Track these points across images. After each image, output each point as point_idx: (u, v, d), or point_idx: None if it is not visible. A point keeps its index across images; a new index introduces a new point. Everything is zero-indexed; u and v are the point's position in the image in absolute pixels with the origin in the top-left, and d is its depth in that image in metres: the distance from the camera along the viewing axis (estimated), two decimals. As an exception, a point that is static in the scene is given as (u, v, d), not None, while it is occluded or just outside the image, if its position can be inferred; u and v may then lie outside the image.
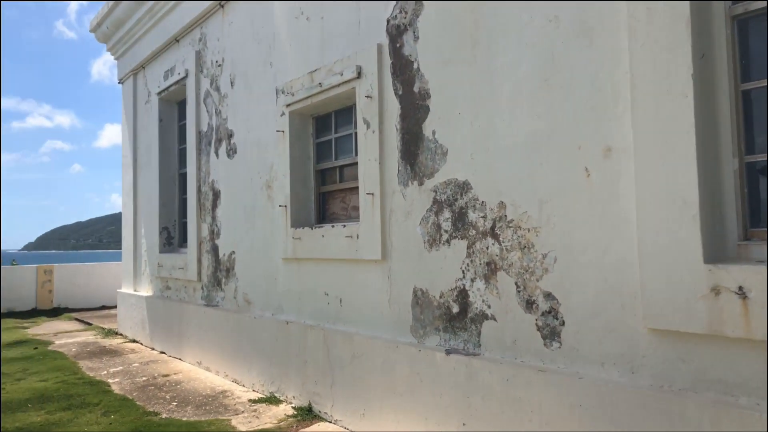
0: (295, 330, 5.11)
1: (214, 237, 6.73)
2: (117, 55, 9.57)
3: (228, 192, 6.47)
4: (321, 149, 5.42)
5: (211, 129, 6.82)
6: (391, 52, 4.23)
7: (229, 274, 6.39)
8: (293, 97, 5.24)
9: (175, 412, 5.04)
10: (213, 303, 6.71)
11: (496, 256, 3.43)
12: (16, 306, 12.52)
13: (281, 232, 5.41)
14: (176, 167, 8.27)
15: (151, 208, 8.52)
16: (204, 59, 6.99)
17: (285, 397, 5.19)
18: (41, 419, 4.89)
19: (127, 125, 9.40)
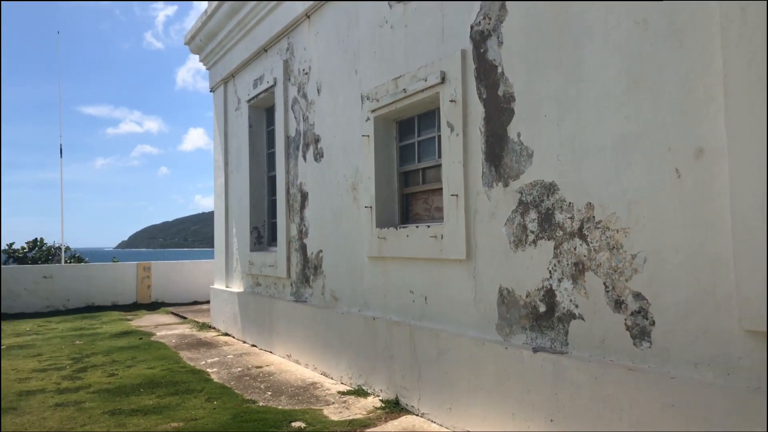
0: (381, 326, 5.33)
1: (302, 236, 7.08)
2: (209, 65, 10.20)
3: (315, 194, 6.80)
4: (404, 152, 5.61)
5: (299, 134, 7.18)
6: (475, 57, 4.35)
7: (317, 271, 6.71)
8: (378, 103, 5.46)
9: (270, 401, 5.39)
10: (302, 299, 7.07)
11: (583, 257, 3.48)
12: (119, 300, 13.58)
13: (366, 232, 5.65)
14: (265, 170, 8.74)
15: (241, 209, 9.04)
16: (291, 68, 7.36)
17: (372, 390, 5.43)
18: (153, 402, 5.37)
19: (219, 131, 10.00)
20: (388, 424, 4.61)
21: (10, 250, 19.25)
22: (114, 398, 5.54)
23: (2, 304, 12.32)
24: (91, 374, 6.59)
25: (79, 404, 5.35)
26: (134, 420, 4.86)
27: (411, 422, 4.63)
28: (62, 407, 5.25)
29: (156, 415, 4.99)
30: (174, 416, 4.95)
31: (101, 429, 4.64)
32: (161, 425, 4.71)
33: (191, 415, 4.95)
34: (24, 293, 12.54)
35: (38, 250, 19.97)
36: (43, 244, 20.16)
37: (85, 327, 10.51)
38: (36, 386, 6.07)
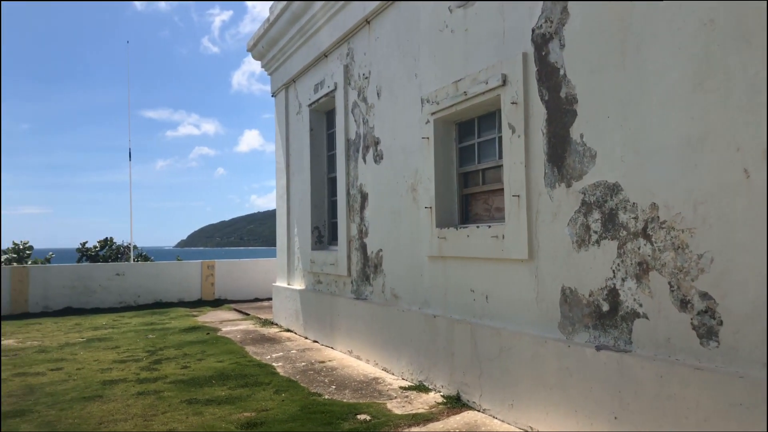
0: (442, 324, 5.47)
1: (362, 236, 7.29)
2: (270, 70, 10.58)
3: (375, 195, 6.99)
4: (463, 153, 5.72)
5: (359, 137, 7.39)
6: (537, 59, 4.42)
7: (377, 270, 6.90)
8: (438, 106, 5.59)
9: (335, 394, 5.61)
10: (362, 296, 7.27)
11: (648, 257, 3.52)
12: (184, 296, 14.23)
13: (426, 231, 5.79)
14: (325, 172, 9.01)
15: (302, 210, 9.35)
16: (351, 72, 7.58)
17: (433, 386, 5.56)
18: (225, 393, 5.68)
19: (280, 134, 10.36)
20: (451, 419, 4.74)
21: (84, 249, 20.42)
22: (189, 388, 5.89)
23: (80, 299, 13.13)
24: (166, 366, 7.00)
25: (159, 393, 5.72)
26: (210, 409, 5.17)
27: (473, 417, 4.75)
28: (143, 396, 5.63)
29: (229, 405, 5.28)
30: (246, 406, 5.23)
31: (181, 416, 4.96)
32: (235, 414, 4.99)
33: (262, 406, 5.22)
34: (99, 289, 13.32)
35: (108, 248, 21.09)
36: (112, 243, 21.27)
37: (155, 322, 11.09)
38: (117, 376, 6.51)
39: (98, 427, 4.73)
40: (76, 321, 11.49)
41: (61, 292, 12.93)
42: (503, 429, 4.47)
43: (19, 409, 5.24)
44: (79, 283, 13.13)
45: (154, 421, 4.85)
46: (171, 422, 4.81)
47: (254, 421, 4.77)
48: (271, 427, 4.62)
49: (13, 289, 12.43)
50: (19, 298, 12.48)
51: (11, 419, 4.96)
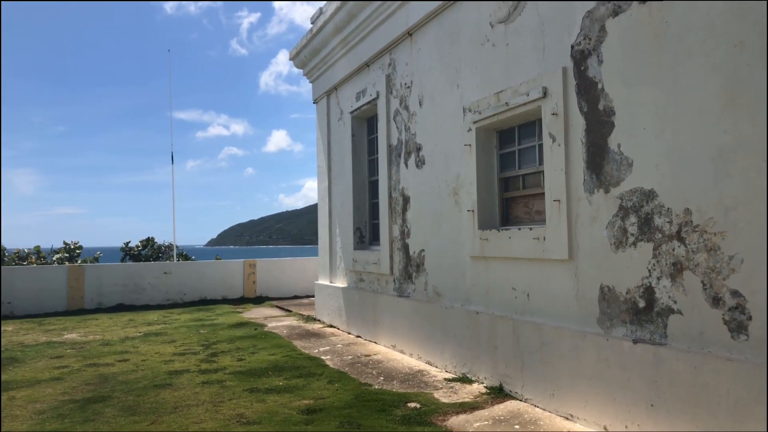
0: (484, 320, 5.83)
1: (404, 237, 7.69)
2: (312, 78, 11.05)
3: (417, 198, 7.38)
4: (504, 159, 6.07)
5: (401, 143, 7.79)
6: (576, 74, 4.76)
7: (419, 269, 7.30)
8: (480, 115, 5.95)
9: (384, 385, 6.03)
10: (404, 294, 7.68)
11: (682, 257, 3.83)
12: (228, 294, 14.85)
13: (468, 233, 6.16)
14: (366, 175, 9.44)
15: (344, 211, 9.79)
16: (393, 82, 7.98)
17: (476, 378, 5.94)
18: (282, 383, 6.15)
19: (321, 139, 10.83)
20: (495, 407, 5.11)
21: (127, 248, 21.27)
22: (248, 379, 6.37)
23: (131, 296, 13.84)
24: (222, 358, 7.51)
25: (221, 383, 6.21)
26: (271, 397, 5.63)
27: (516, 406, 5.11)
28: (208, 385, 6.13)
29: (288, 393, 5.74)
30: (303, 395, 5.68)
31: (246, 403, 5.43)
32: (294, 402, 5.44)
33: (318, 395, 5.67)
34: (148, 287, 14.02)
35: (150, 248, 21.93)
36: (154, 242, 22.09)
37: (203, 318, 11.68)
38: (180, 367, 7.04)
39: (174, 410, 5.23)
40: (129, 317, 12.16)
41: (114, 290, 13.66)
42: (545, 417, 4.82)
43: (99, 396, 5.78)
44: (129, 281, 13.84)
45: (223, 406, 5.33)
46: (238, 408, 5.28)
47: (313, 408, 5.21)
48: (329, 413, 5.05)
49: (69, 286, 13.19)
50: (75, 295, 13.24)
51: (95, 404, 5.50)
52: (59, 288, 13.12)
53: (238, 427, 4.75)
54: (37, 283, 12.96)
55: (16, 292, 12.74)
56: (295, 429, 4.68)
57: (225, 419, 4.95)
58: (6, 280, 12.70)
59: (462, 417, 4.88)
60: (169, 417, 5.05)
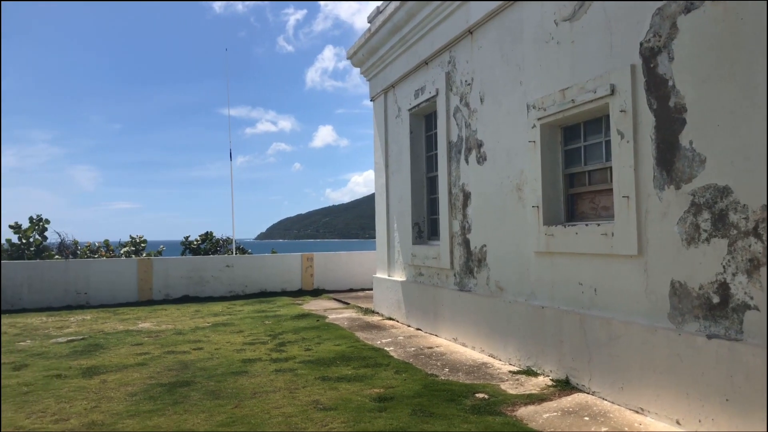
0: (550, 314, 5.93)
1: (465, 232, 7.84)
2: (369, 77, 11.28)
3: (478, 194, 7.51)
4: (569, 156, 6.13)
5: (461, 139, 7.92)
6: (645, 71, 4.79)
7: (481, 264, 7.43)
8: (544, 112, 6.03)
9: (450, 376, 6.21)
10: (465, 288, 7.83)
11: (759, 254, 3.86)
12: (287, 287, 15.34)
13: (533, 229, 6.25)
14: (424, 172, 9.61)
15: (402, 207, 10.00)
16: (453, 79, 8.12)
17: (542, 371, 6.05)
18: (351, 372, 6.42)
19: (379, 136, 11.06)
20: (563, 399, 5.23)
21: (187, 242, 22.12)
22: (318, 367, 6.67)
23: (195, 288, 14.48)
24: (290, 348, 7.86)
25: (294, 371, 6.53)
26: (342, 385, 5.91)
27: (584, 399, 5.21)
28: (282, 373, 6.46)
29: (358, 382, 6.00)
30: (373, 383, 5.93)
31: (319, 390, 5.72)
32: (365, 390, 5.69)
33: (387, 384, 5.90)
34: (211, 279, 14.63)
35: (209, 242, 22.74)
36: (212, 236, 22.90)
37: (265, 310, 12.14)
38: (252, 356, 7.42)
39: (254, 396, 5.56)
40: (195, 308, 12.75)
41: (179, 282, 14.32)
42: (614, 409, 4.91)
43: (183, 381, 6.19)
44: (194, 274, 14.48)
45: (298, 393, 5.63)
46: (313, 395, 5.57)
47: (384, 396, 5.44)
48: (401, 401, 5.27)
49: (139, 278, 13.92)
50: (144, 286, 13.96)
51: (180, 388, 5.89)
52: (130, 280, 13.87)
53: (316, 412, 5.03)
54: (110, 275, 13.73)
55: (92, 283, 13.54)
56: (369, 415, 4.92)
57: (302, 405, 5.25)
58: (82, 271, 13.51)
59: (531, 408, 5.02)
60: (250, 401, 5.38)
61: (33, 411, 5.24)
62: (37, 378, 6.43)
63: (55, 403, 5.48)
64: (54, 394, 5.77)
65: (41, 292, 13.16)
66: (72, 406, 5.39)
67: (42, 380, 6.33)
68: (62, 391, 5.88)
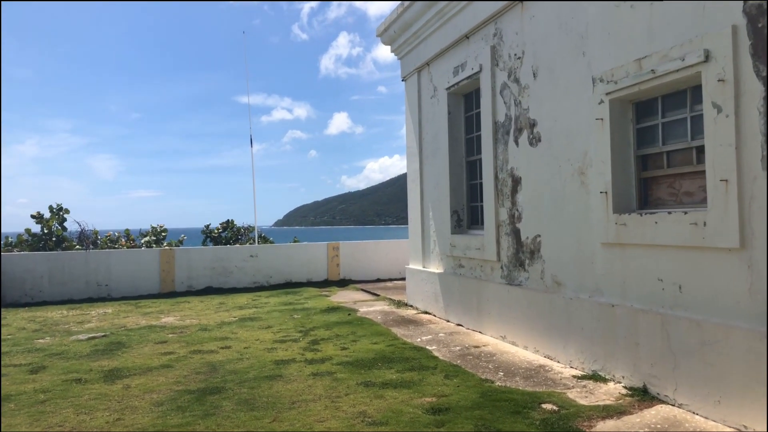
0: (621, 313, 5.27)
1: (514, 221, 7.17)
2: (401, 55, 10.58)
3: (530, 178, 6.83)
4: (640, 135, 5.43)
5: (509, 119, 7.23)
6: (750, 32, 4.06)
7: (534, 256, 6.77)
8: (615, 85, 5.32)
9: (506, 381, 5.59)
10: (515, 282, 7.18)
11: None
12: (312, 277, 14.80)
13: (599, 217, 5.57)
14: (463, 155, 8.93)
15: (438, 194, 9.34)
16: (499, 53, 7.40)
17: (611, 376, 5.40)
18: (396, 377, 5.82)
19: (411, 118, 10.38)
20: (645, 412, 4.57)
21: (207, 231, 21.71)
22: (359, 371, 6.09)
23: (219, 279, 14.01)
24: (325, 347, 7.29)
25: (332, 374, 5.96)
26: (388, 392, 5.31)
27: (670, 412, 4.55)
28: (319, 377, 5.89)
29: (406, 389, 5.40)
30: (422, 391, 5.33)
31: (364, 399, 5.13)
32: (415, 399, 5.10)
33: (438, 391, 5.30)
34: (235, 270, 14.14)
35: (230, 230, 22.30)
36: (233, 225, 22.45)
37: (292, 302, 11.60)
38: (284, 356, 6.86)
39: (292, 406, 5.00)
40: (220, 300, 12.26)
41: (203, 273, 13.85)
42: (709, 427, 4.25)
43: (213, 387, 5.64)
44: (218, 265, 14.00)
45: (341, 402, 5.06)
46: (357, 404, 4.98)
47: (438, 407, 4.84)
48: (459, 414, 4.66)
49: (162, 269, 13.47)
50: (167, 278, 13.51)
51: (210, 396, 5.35)
52: (152, 271, 13.42)
53: (365, 427, 4.45)
54: (132, 266, 13.30)
55: (113, 274, 13.13)
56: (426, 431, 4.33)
57: (348, 417, 4.67)
58: (103, 262, 13.09)
59: (610, 423, 4.39)
60: (289, 413, 4.82)
61: (50, 424, 4.72)
62: (55, 383, 5.94)
63: (75, 414, 4.97)
64: (73, 403, 5.25)
65: (62, 284, 12.77)
66: (93, 417, 4.87)
67: (60, 386, 5.83)
68: (82, 399, 5.36)
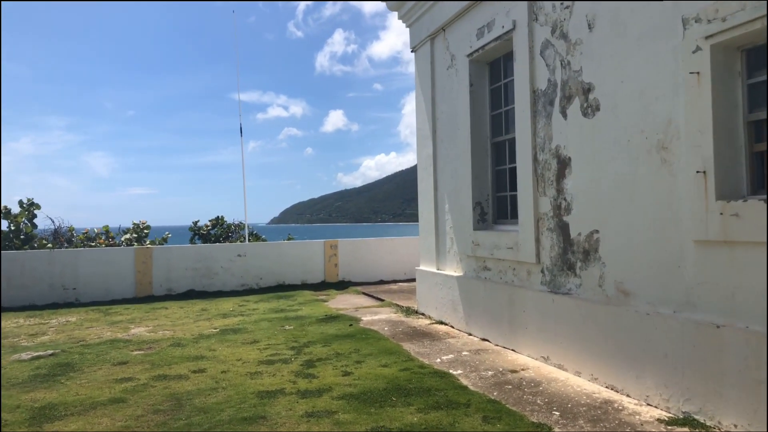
0: (731, 336, 3.82)
1: (560, 212, 5.72)
2: (410, 21, 9.10)
3: (584, 158, 5.37)
4: (753, 94, 3.98)
5: (553, 86, 5.77)
6: None
7: (589, 257, 5.32)
8: (721, 24, 3.87)
9: (567, 426, 4.14)
10: (561, 290, 5.73)
11: None
12: (308, 278, 13.30)
13: (694, 206, 4.13)
14: (488, 136, 7.46)
15: (457, 183, 7.88)
16: (539, 5, 5.93)
17: (716, 423, 3.95)
18: (418, 419, 4.37)
19: (423, 96, 8.90)
20: (793, 489, 3.13)
21: (196, 228, 20.21)
22: (367, 408, 4.63)
23: (202, 282, 12.52)
24: (322, 371, 5.82)
25: (332, 415, 4.50)
26: (411, 446, 3.86)
27: (831, 490, 3.11)
28: (316, 419, 4.42)
29: (434, 440, 3.95)
30: (458, 444, 3.87)
31: (378, 457, 3.68)
32: (450, 457, 3.64)
33: (480, 445, 3.85)
34: (221, 271, 12.64)
35: (219, 227, 20.80)
36: (223, 221, 20.95)
37: (285, 308, 10.12)
38: (271, 384, 5.40)
39: (278, 472, 3.53)
40: (202, 306, 10.78)
41: (184, 274, 12.35)
42: None
43: (172, 434, 4.18)
44: (201, 265, 12.49)
45: (346, 464, 3.60)
46: (370, 468, 3.53)
47: (485, 474, 3.38)
48: (518, 488, 3.21)
49: (137, 271, 11.96)
50: (143, 280, 12.00)
51: (166, 451, 3.88)
52: (127, 272, 11.91)
53: None
54: (103, 267, 11.78)
55: (81, 276, 11.61)
56: None
57: (357, 493, 3.21)
58: (69, 263, 11.57)
59: None
60: (272, 484, 3.35)
61: None
62: (-38, 428, 4.46)
63: (-35, 486, 3.49)
64: (-29, 466, 3.78)
65: (22, 287, 11.23)
66: (-11, 493, 3.39)
67: (-33, 433, 4.36)
68: (-12, 458, 3.89)
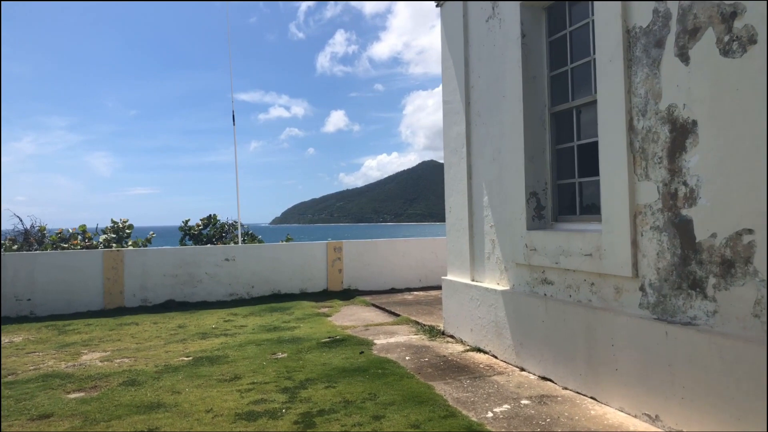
0: None
1: (676, 204, 3.87)
2: (435, -33, 7.27)
3: (721, 121, 3.53)
4: None
5: (664, 19, 3.92)
6: None
7: (733, 271, 3.47)
8: None
9: None
10: (678, 318, 3.88)
11: None
12: (307, 286, 11.44)
13: None
14: (546, 104, 5.61)
15: (501, 167, 6.04)
16: None
17: None
18: None
19: (453, 59, 7.05)
20: None
21: (186, 227, 18.46)
22: None
23: (183, 291, 10.67)
24: (325, 434, 3.99)
25: None
26: None
27: None
28: None
29: None
30: None
31: None
32: None
33: None
34: (205, 278, 10.80)
35: (212, 226, 19.04)
36: (216, 220, 19.19)
37: (279, 326, 8.28)
38: (249, 460, 3.56)
39: None
40: (180, 320, 8.95)
41: (162, 282, 10.50)
42: None
43: None
44: (182, 271, 10.64)
45: None
46: None
47: None
48: None
49: (106, 278, 10.11)
50: (113, 289, 10.15)
51: None
52: (94, 280, 10.08)
53: None
54: (65, 274, 9.94)
55: (38, 285, 9.77)
56: None
57: None
58: (24, 268, 9.74)
59: None
60: None
61: None
62: None
63: None
64: None
65: (-35, 299, 9.41)
66: None
67: None
68: None
